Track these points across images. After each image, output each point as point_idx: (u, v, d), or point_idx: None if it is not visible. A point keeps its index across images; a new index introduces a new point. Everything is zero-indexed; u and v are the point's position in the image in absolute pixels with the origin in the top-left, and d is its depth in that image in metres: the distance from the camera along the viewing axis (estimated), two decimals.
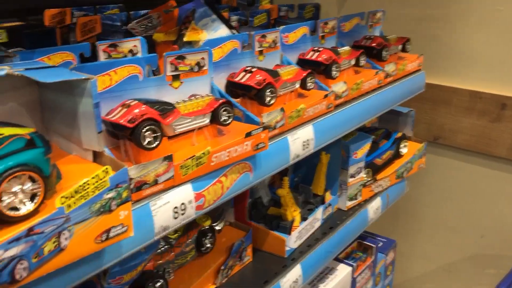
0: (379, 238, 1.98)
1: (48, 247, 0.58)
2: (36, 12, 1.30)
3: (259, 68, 1.09)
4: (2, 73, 0.61)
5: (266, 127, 0.97)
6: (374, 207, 1.63)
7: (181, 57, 0.98)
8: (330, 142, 1.26)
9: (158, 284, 1.04)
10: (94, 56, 1.05)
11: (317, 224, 1.46)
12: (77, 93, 0.67)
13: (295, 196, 1.42)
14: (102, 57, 1.04)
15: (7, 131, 0.62)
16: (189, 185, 0.86)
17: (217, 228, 1.25)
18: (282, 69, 1.16)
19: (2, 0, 1.27)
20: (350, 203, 1.57)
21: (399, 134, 1.79)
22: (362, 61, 1.45)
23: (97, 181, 0.62)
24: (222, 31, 1.25)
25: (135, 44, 1.09)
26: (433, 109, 2.06)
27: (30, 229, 0.56)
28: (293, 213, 1.35)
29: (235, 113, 1.03)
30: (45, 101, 0.74)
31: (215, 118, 0.93)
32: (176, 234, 1.16)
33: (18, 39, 1.19)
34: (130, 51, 1.09)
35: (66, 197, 0.59)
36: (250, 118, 1.01)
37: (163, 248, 1.13)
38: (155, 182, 0.80)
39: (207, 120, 0.93)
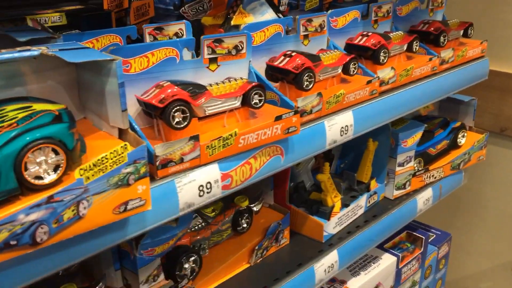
0: (433, 230, 1.93)
1: (68, 214, 0.64)
2: None
3: (299, 53, 1.09)
4: (37, 53, 0.67)
5: (297, 111, 0.97)
6: (424, 198, 1.58)
7: (219, 40, 1.00)
8: (371, 129, 1.24)
9: (192, 258, 1.09)
10: (141, 39, 1.10)
11: (360, 211, 1.45)
12: (104, 73, 0.71)
13: (338, 182, 1.41)
14: (148, 39, 1.09)
15: (39, 106, 0.68)
16: (216, 165, 0.89)
17: (255, 209, 1.28)
18: (325, 54, 1.15)
19: None
20: (397, 192, 1.54)
21: (458, 124, 1.72)
22: (416, 46, 1.40)
23: (115, 156, 0.67)
24: (269, 15, 1.26)
25: (180, 27, 1.13)
26: (500, 99, 1.95)
27: (50, 197, 0.62)
28: (334, 199, 1.35)
29: (272, 96, 1.05)
30: (81, 80, 0.80)
31: (246, 101, 0.95)
32: (214, 213, 1.20)
33: (77, 22, 1.27)
34: (176, 34, 1.13)
35: (85, 170, 0.64)
36: (285, 102, 1.02)
37: (200, 225, 1.17)
38: (181, 161, 0.84)
39: (238, 103, 0.95)
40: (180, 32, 1.13)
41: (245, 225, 1.24)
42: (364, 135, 1.38)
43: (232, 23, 1.24)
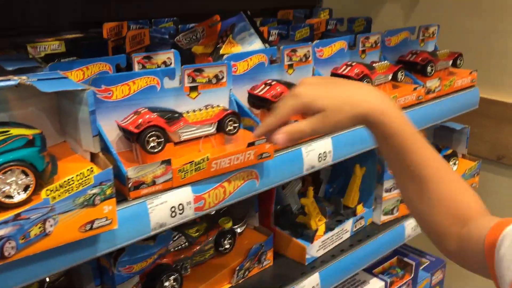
0: (428, 256, 1.93)
1: (34, 231, 0.69)
2: (97, 25, 1.46)
3: (278, 82, 1.15)
4: (15, 82, 0.73)
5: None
6: (412, 224, 1.60)
7: (199, 70, 1.06)
8: (352, 155, 1.27)
9: (173, 277, 1.14)
10: (130, 67, 1.17)
11: (346, 235, 1.48)
12: (78, 101, 0.78)
13: (323, 206, 1.45)
14: (136, 68, 1.16)
15: (16, 131, 0.74)
16: (189, 188, 0.94)
17: (238, 230, 1.32)
18: None
19: (66, 13, 1.44)
20: (385, 218, 1.57)
21: (449, 151, 1.74)
22: (401, 76, 1.44)
23: (81, 178, 0.72)
24: (257, 44, 1.32)
25: (168, 56, 1.19)
26: (497, 127, 1.96)
27: (18, 215, 0.67)
28: (318, 222, 1.39)
29: (251, 123, 1.10)
30: (61, 107, 0.86)
31: (222, 128, 1.01)
32: (198, 233, 1.25)
33: (76, 50, 1.35)
34: (164, 62, 1.19)
35: (52, 190, 0.70)
36: None
37: (183, 245, 1.22)
38: (153, 183, 0.89)
39: (213, 129, 1.00)
40: (168, 61, 1.20)
41: (227, 246, 1.28)
42: (352, 160, 1.42)
43: (221, 52, 1.31)
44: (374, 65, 1.40)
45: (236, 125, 1.02)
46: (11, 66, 0.89)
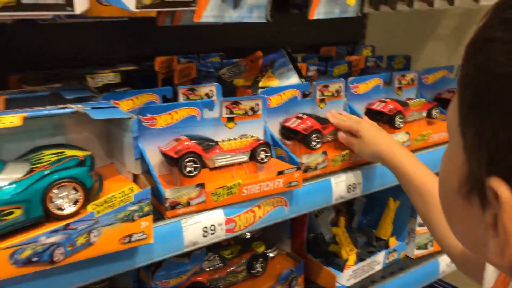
0: None
1: (80, 240, 0.79)
2: (150, 59, 1.59)
3: (309, 115, 1.22)
4: (71, 110, 0.85)
5: (299, 168, 1.09)
6: (447, 259, 1.60)
7: (236, 102, 1.15)
8: (382, 188, 1.32)
9: None
10: (176, 98, 1.28)
11: (378, 267, 1.50)
12: (124, 128, 0.88)
13: (355, 237, 1.48)
14: (181, 99, 1.26)
15: (70, 152, 0.85)
16: (221, 210, 1.02)
17: (270, 255, 1.38)
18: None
19: (123, 48, 1.59)
20: (418, 252, 1.58)
21: None
22: (435, 113, 1.48)
23: (123, 196, 0.82)
24: (293, 79, 1.40)
25: (211, 89, 1.30)
26: None
27: (67, 225, 0.77)
28: (349, 252, 1.42)
29: (281, 153, 1.17)
30: (110, 133, 0.97)
31: (254, 156, 1.09)
32: (231, 255, 1.32)
33: (130, 81, 1.48)
34: (206, 94, 1.30)
35: (97, 205, 0.80)
36: (292, 158, 1.14)
37: (217, 265, 1.29)
38: (188, 204, 0.98)
39: (246, 157, 1.08)
40: (211, 93, 1.30)
41: (259, 269, 1.34)
42: (385, 193, 1.46)
43: (259, 85, 1.40)
44: (408, 102, 1.44)
45: (267, 154, 1.09)
46: (70, 95, 1.01)
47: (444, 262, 1.60)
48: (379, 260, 1.50)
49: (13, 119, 0.79)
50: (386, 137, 1.20)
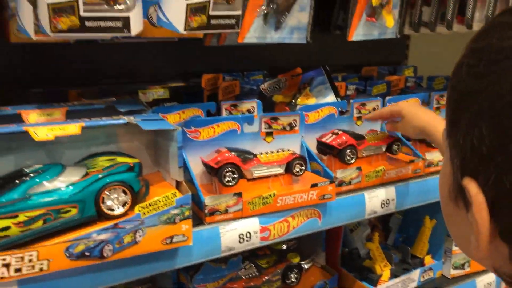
0: None
1: (127, 239, 0.87)
2: (198, 76, 1.69)
3: (345, 131, 1.27)
4: (124, 121, 0.94)
5: (332, 181, 1.14)
6: (485, 281, 1.59)
7: (275, 118, 1.22)
8: (417, 205, 1.34)
9: None
10: (219, 112, 1.36)
11: (413, 284, 1.51)
12: (169, 138, 0.97)
13: (389, 253, 1.51)
14: (224, 114, 1.35)
15: (121, 159, 0.94)
16: (256, 219, 1.09)
17: (305, 266, 1.43)
18: (371, 134, 1.32)
19: (173, 66, 1.69)
20: (455, 272, 1.58)
21: None
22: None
23: (166, 200, 0.90)
24: (330, 98, 1.46)
25: (252, 105, 1.37)
26: None
27: (116, 224, 0.86)
28: (383, 267, 1.45)
29: (317, 167, 1.23)
30: (157, 142, 1.06)
31: (289, 169, 1.15)
32: (267, 264, 1.38)
33: (178, 96, 1.58)
34: (248, 110, 1.38)
35: (143, 207, 0.88)
36: (326, 172, 1.19)
37: (253, 274, 1.35)
38: (226, 211, 1.05)
39: (282, 170, 1.14)
40: (252, 109, 1.38)
41: (294, 279, 1.39)
42: (423, 212, 1.48)
43: (297, 102, 1.47)
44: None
45: (302, 167, 1.15)
46: (123, 108, 1.11)
47: (481, 283, 1.59)
48: (414, 278, 1.51)
49: (73, 128, 0.89)
50: (427, 111, 1.24)
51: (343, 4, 1.78)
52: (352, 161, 1.24)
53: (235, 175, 1.08)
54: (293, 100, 1.47)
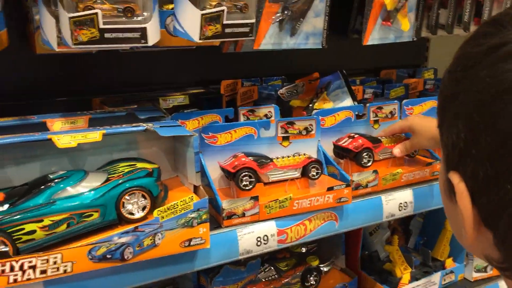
0: None
1: (147, 242, 0.90)
2: (217, 82, 1.72)
3: (361, 135, 1.28)
4: (143, 128, 0.98)
5: (348, 184, 1.15)
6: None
7: (291, 123, 1.24)
8: (435, 208, 1.34)
9: None
10: (237, 118, 1.38)
11: (434, 287, 1.51)
12: (187, 144, 1.00)
13: (410, 256, 1.50)
14: (242, 119, 1.37)
15: (140, 165, 0.98)
16: (273, 222, 1.11)
17: (324, 269, 1.44)
18: (388, 137, 1.32)
19: (192, 73, 1.72)
20: (477, 275, 1.57)
21: None
22: None
23: (184, 204, 0.93)
24: (347, 102, 1.47)
25: (270, 110, 1.40)
26: None
27: (136, 228, 0.89)
28: (403, 270, 1.45)
29: (333, 171, 1.24)
30: (176, 148, 1.09)
31: (305, 173, 1.16)
32: (287, 267, 1.39)
33: (198, 102, 1.62)
34: (265, 115, 1.40)
35: (161, 211, 0.91)
36: (343, 175, 1.21)
37: (273, 276, 1.37)
38: (243, 215, 1.07)
39: (298, 174, 1.16)
40: (269, 114, 1.40)
41: (313, 282, 1.40)
42: (443, 215, 1.48)
43: (314, 107, 1.48)
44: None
45: (318, 171, 1.17)
46: (143, 116, 1.15)
47: (505, 286, 1.56)
48: (435, 280, 1.51)
49: (95, 135, 0.92)
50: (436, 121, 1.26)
51: (360, 8, 1.80)
52: (369, 164, 1.25)
53: (252, 179, 1.10)
54: (310, 105, 1.49)
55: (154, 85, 1.66)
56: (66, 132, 0.94)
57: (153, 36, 0.97)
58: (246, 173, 1.10)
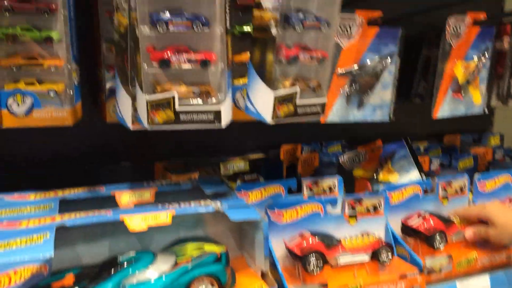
0: None
1: None
2: (276, 147, 1.70)
3: (432, 214, 1.22)
4: (213, 209, 0.96)
5: (422, 271, 1.08)
6: None
7: (359, 200, 1.20)
8: None
9: None
10: (300, 188, 1.35)
11: None
12: (256, 226, 0.97)
13: None
14: (305, 191, 1.34)
15: (208, 247, 0.96)
16: None
17: None
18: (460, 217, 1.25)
19: (253, 138, 1.72)
20: None
21: None
22: None
23: None
24: (413, 174, 1.42)
25: (333, 181, 1.36)
26: None
27: None
28: None
29: (403, 252, 1.18)
30: (242, 228, 1.07)
31: (376, 256, 1.11)
32: None
33: (258, 168, 1.60)
34: (329, 187, 1.36)
35: None
36: (414, 259, 1.14)
37: None
38: None
39: (367, 257, 1.11)
40: (333, 186, 1.36)
41: None
42: None
43: (379, 178, 1.43)
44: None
45: (389, 256, 1.11)
46: (208, 190, 1.14)
47: None
48: None
49: (164, 218, 0.91)
50: None
51: (424, 73, 1.76)
52: (441, 247, 1.18)
53: (319, 263, 1.06)
54: (375, 176, 1.45)
55: (215, 150, 1.66)
56: (136, 211, 0.93)
57: (226, 117, 0.97)
58: (314, 256, 1.05)
